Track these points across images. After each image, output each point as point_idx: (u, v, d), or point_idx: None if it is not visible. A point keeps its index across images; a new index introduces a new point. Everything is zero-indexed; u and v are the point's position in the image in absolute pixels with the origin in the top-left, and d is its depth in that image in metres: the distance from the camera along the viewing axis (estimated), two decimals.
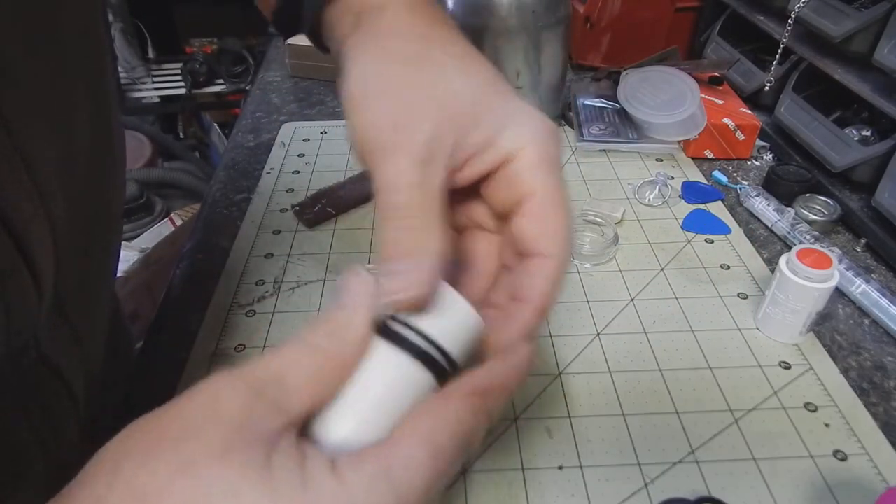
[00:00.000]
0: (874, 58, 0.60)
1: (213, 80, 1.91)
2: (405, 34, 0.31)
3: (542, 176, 0.28)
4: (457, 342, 0.27)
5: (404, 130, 0.27)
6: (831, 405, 0.46)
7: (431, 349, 0.26)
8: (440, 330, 0.26)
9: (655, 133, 0.75)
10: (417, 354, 0.26)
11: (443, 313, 0.26)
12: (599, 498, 0.40)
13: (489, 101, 0.29)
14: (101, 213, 0.38)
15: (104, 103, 0.36)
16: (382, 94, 0.29)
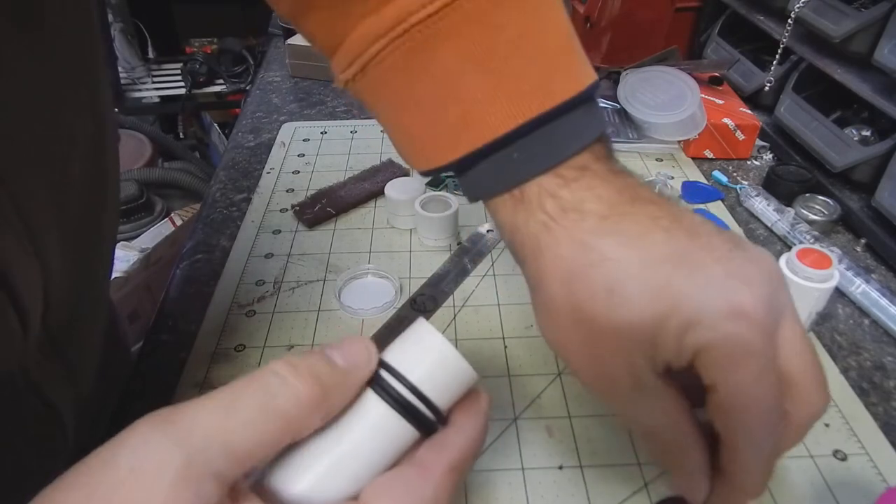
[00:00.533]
0: (874, 58, 0.60)
1: (213, 80, 1.91)
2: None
3: (726, 374, 0.25)
4: (446, 394, 0.25)
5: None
6: (831, 405, 0.46)
7: (419, 403, 0.24)
8: (432, 382, 0.24)
9: (655, 133, 0.75)
10: (404, 408, 0.24)
11: (432, 361, 0.25)
12: (599, 498, 0.40)
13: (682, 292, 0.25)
14: (93, 250, 0.37)
15: (100, 138, 0.35)
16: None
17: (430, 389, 0.24)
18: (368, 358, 0.24)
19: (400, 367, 0.24)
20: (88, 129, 0.34)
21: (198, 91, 1.91)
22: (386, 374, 0.24)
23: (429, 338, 0.25)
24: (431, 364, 0.25)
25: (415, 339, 0.25)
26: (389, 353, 0.25)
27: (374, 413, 0.24)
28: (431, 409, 0.24)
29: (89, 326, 0.39)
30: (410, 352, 0.25)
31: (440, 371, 0.25)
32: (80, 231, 0.34)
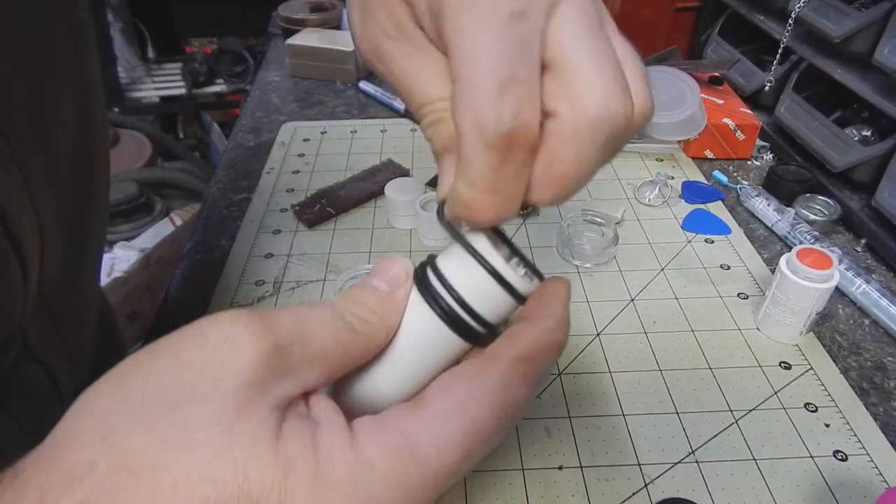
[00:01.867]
0: (874, 58, 0.60)
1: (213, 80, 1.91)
2: None
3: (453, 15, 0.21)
4: (495, 307, 0.24)
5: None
6: (831, 405, 0.46)
7: (467, 317, 0.23)
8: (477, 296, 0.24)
9: (655, 133, 0.75)
10: (452, 321, 0.23)
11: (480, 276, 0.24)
12: (599, 498, 0.40)
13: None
14: (85, 210, 0.38)
15: (89, 104, 0.36)
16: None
17: (476, 301, 0.24)
18: (406, 276, 0.24)
19: (447, 274, 0.24)
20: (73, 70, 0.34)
21: (198, 91, 1.91)
22: (434, 280, 0.24)
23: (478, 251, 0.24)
24: (479, 279, 0.24)
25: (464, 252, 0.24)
26: (442, 259, 0.25)
27: (423, 321, 0.24)
28: (478, 321, 0.24)
29: (81, 290, 0.40)
30: (458, 259, 0.24)
31: (489, 285, 0.24)
32: (72, 196, 0.35)
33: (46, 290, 0.33)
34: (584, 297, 0.55)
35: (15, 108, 0.28)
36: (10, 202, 0.27)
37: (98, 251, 0.43)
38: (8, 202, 0.27)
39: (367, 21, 0.24)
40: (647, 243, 0.62)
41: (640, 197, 0.68)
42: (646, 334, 0.51)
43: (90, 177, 0.38)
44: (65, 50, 0.33)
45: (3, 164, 0.27)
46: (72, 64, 0.34)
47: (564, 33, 0.21)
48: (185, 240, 0.64)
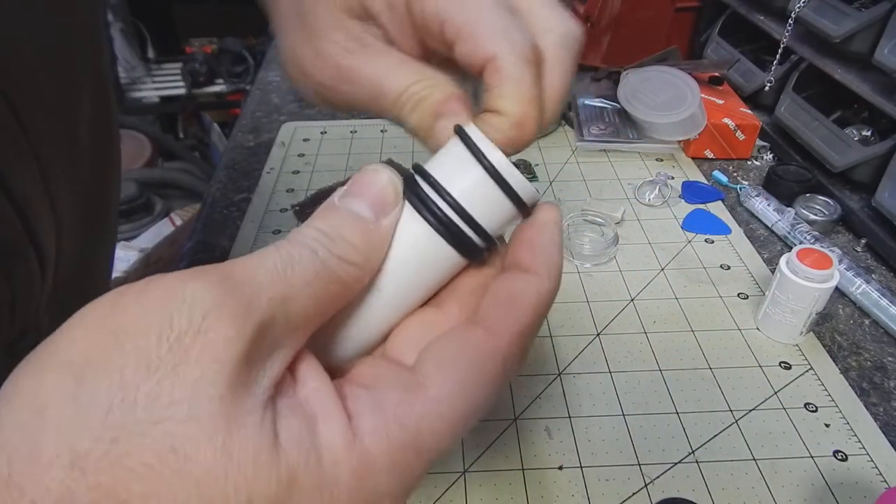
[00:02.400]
0: (874, 58, 0.60)
1: (213, 80, 1.91)
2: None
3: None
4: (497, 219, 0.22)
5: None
6: (831, 405, 0.46)
7: (464, 225, 0.21)
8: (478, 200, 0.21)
9: (655, 133, 0.75)
10: (448, 231, 0.21)
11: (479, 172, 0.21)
12: (599, 498, 0.40)
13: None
14: (98, 207, 0.38)
15: (105, 101, 0.37)
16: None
17: (475, 206, 0.21)
18: (395, 196, 0.21)
19: (440, 179, 0.21)
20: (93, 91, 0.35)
21: (198, 91, 1.91)
22: (425, 186, 0.21)
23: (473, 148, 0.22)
24: (478, 176, 0.21)
25: (460, 149, 0.22)
26: (433, 164, 0.22)
27: (412, 233, 0.21)
28: (476, 230, 0.21)
29: (94, 287, 0.40)
30: (453, 162, 0.22)
31: (489, 187, 0.21)
32: (88, 191, 0.35)
33: (61, 286, 0.33)
34: (584, 297, 0.55)
35: (40, 103, 0.28)
36: (31, 198, 0.28)
37: (111, 246, 0.43)
38: (28, 197, 0.27)
39: (321, 50, 0.25)
40: (647, 243, 0.62)
41: (640, 197, 0.68)
42: (646, 334, 0.51)
43: (106, 173, 0.38)
44: (84, 47, 0.34)
45: (25, 159, 0.27)
46: (90, 61, 0.34)
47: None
48: (185, 240, 0.64)
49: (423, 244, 0.21)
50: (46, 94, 0.29)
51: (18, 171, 0.27)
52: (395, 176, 0.21)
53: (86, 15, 0.34)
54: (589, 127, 0.77)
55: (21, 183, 0.27)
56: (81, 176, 0.34)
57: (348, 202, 0.20)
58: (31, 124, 0.28)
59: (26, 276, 0.28)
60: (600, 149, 0.76)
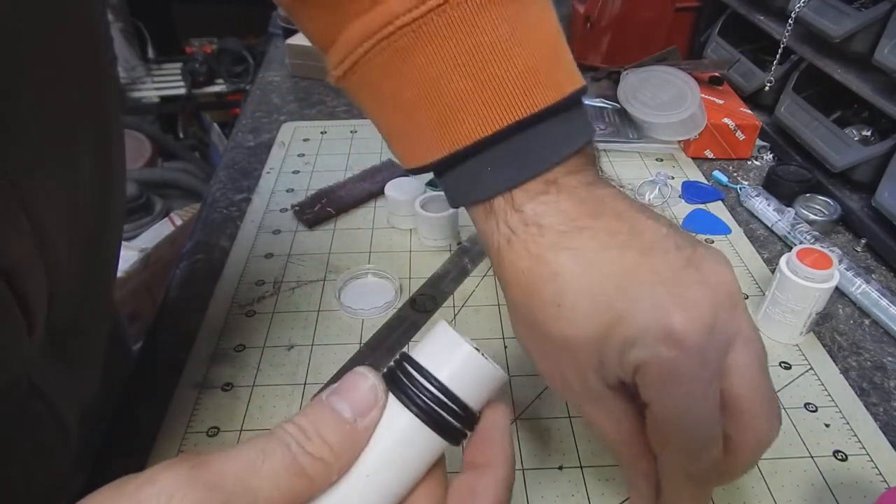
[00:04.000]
0: (874, 58, 0.60)
1: (213, 80, 1.91)
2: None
3: (657, 394, 0.26)
4: (476, 397, 0.23)
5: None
6: (831, 405, 0.46)
7: (450, 405, 0.23)
8: (460, 383, 0.23)
9: (655, 133, 0.75)
10: (429, 416, 0.22)
11: (458, 361, 0.23)
12: (599, 498, 0.40)
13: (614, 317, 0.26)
14: (99, 252, 0.37)
15: (107, 141, 0.35)
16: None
17: (460, 385, 0.23)
18: (376, 401, 0.23)
19: (426, 365, 0.23)
20: (93, 127, 0.34)
21: (198, 91, 1.91)
22: (411, 372, 0.23)
23: (451, 338, 0.24)
24: (458, 364, 0.23)
25: (437, 341, 0.24)
26: (415, 353, 0.24)
27: (399, 423, 0.22)
28: (462, 412, 0.23)
29: (94, 328, 0.39)
30: (432, 353, 0.24)
31: (467, 372, 0.23)
32: (87, 231, 0.34)
33: (55, 328, 0.32)
34: None
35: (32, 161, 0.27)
36: (22, 263, 0.27)
37: (112, 271, 0.42)
38: (19, 263, 0.27)
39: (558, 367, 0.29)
40: None
41: (640, 197, 0.68)
42: None
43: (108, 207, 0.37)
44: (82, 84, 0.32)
45: (17, 223, 0.26)
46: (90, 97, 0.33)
47: (742, 377, 0.26)
48: (185, 240, 0.64)
49: (406, 438, 0.22)
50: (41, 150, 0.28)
51: (8, 237, 0.26)
52: (378, 381, 0.23)
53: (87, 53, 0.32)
54: None
55: (11, 250, 0.26)
56: (80, 219, 0.32)
57: (333, 400, 0.22)
58: (26, 187, 0.26)
59: (11, 337, 0.27)
60: (600, 149, 0.76)
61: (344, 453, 0.21)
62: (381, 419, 0.22)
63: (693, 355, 0.25)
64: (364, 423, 0.22)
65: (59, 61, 0.29)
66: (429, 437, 0.23)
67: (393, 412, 0.23)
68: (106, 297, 0.42)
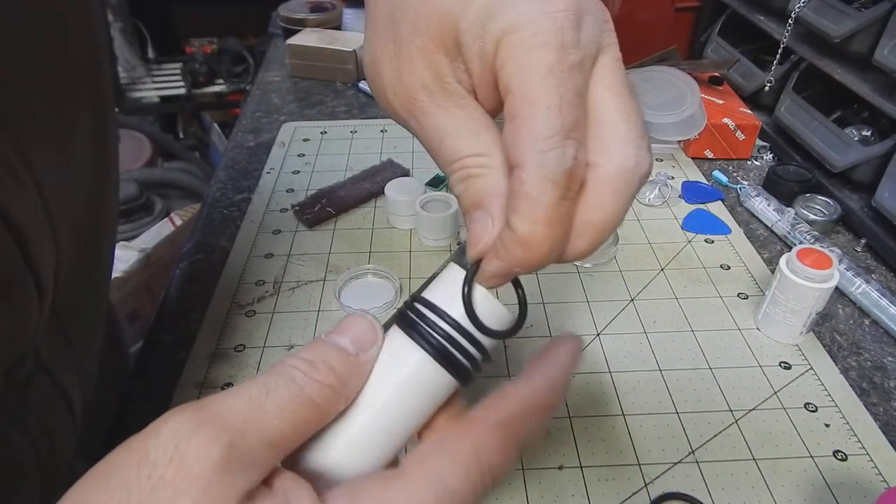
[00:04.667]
0: (874, 58, 0.60)
1: (213, 80, 1.91)
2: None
3: (518, 62, 0.22)
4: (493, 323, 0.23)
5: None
6: (831, 405, 0.46)
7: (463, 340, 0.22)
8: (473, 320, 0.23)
9: (655, 133, 0.75)
10: (441, 356, 0.22)
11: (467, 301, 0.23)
12: (599, 498, 0.40)
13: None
14: (96, 224, 0.38)
15: (104, 117, 0.37)
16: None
17: (471, 328, 0.22)
18: (375, 336, 0.23)
19: (438, 303, 0.23)
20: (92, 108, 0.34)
21: (198, 91, 1.91)
22: (422, 311, 0.23)
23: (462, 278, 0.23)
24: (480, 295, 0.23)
25: (448, 281, 0.23)
26: (428, 292, 0.24)
27: (410, 362, 0.22)
28: (473, 352, 0.23)
29: (93, 316, 0.40)
30: (444, 293, 0.23)
31: (479, 311, 0.23)
32: (85, 216, 0.35)
33: (58, 305, 0.33)
34: (584, 297, 0.55)
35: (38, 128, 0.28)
36: (31, 226, 0.28)
37: (108, 261, 0.43)
38: (28, 226, 0.27)
39: (404, 73, 0.25)
40: (647, 243, 0.62)
41: (640, 197, 0.68)
42: (646, 334, 0.51)
43: (104, 192, 0.38)
44: (81, 67, 0.33)
45: (25, 187, 0.27)
46: (88, 81, 0.34)
47: (604, 90, 0.23)
48: (185, 240, 0.64)
49: (416, 376, 0.22)
50: (44, 117, 0.29)
51: (19, 199, 0.27)
52: (374, 320, 0.23)
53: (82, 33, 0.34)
54: None
55: (21, 211, 0.27)
56: (79, 196, 0.34)
57: (333, 337, 0.22)
58: (30, 150, 0.28)
59: (24, 303, 0.28)
60: None
61: (349, 382, 0.21)
62: (392, 358, 0.22)
63: (567, 31, 0.22)
64: (365, 356, 0.22)
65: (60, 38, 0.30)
66: (439, 375, 0.22)
67: (404, 350, 0.22)
68: (102, 288, 0.43)
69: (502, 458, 0.21)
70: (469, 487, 0.20)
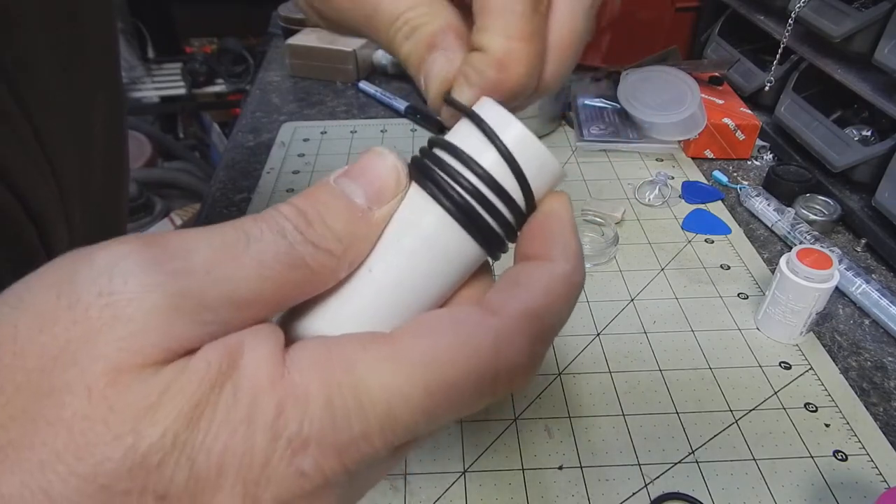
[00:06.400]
0: (874, 58, 0.60)
1: (213, 80, 1.91)
2: None
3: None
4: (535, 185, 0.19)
5: None
6: (831, 405, 0.46)
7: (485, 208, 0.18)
8: (508, 175, 0.18)
9: (655, 133, 0.75)
10: (466, 215, 0.18)
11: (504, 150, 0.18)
12: (599, 498, 0.40)
13: None
14: (109, 213, 0.38)
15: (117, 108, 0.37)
16: None
17: (507, 181, 0.18)
18: (397, 186, 0.18)
19: (465, 148, 0.18)
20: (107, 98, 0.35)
21: (198, 91, 1.91)
22: (444, 159, 0.18)
23: (499, 114, 0.18)
24: (506, 149, 0.18)
25: (479, 119, 0.19)
26: (451, 136, 0.19)
27: (427, 224, 0.18)
28: (507, 212, 0.18)
29: None
30: (471, 135, 0.19)
31: (518, 159, 0.18)
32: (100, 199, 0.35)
33: None
34: (584, 297, 0.55)
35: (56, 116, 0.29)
36: (48, 210, 0.28)
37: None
38: (46, 210, 0.28)
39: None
40: (647, 243, 0.62)
41: (640, 197, 0.68)
42: (646, 334, 0.51)
43: (117, 178, 0.38)
44: (98, 56, 0.34)
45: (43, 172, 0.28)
46: (104, 68, 0.35)
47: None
48: None
49: (435, 240, 0.18)
50: (62, 105, 0.30)
51: (36, 184, 0.27)
52: (400, 163, 0.19)
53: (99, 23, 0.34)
54: (589, 127, 0.77)
55: (38, 196, 0.27)
56: (94, 184, 0.34)
57: (343, 182, 0.18)
58: (48, 137, 0.28)
59: None
60: (600, 149, 0.76)
61: (353, 246, 0.17)
62: (405, 215, 0.18)
63: None
64: (380, 212, 0.18)
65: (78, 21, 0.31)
66: (462, 240, 0.18)
67: (419, 207, 0.18)
68: None
69: (529, 356, 0.17)
70: (474, 389, 0.16)
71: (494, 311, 0.17)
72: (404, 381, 0.15)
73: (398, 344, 0.16)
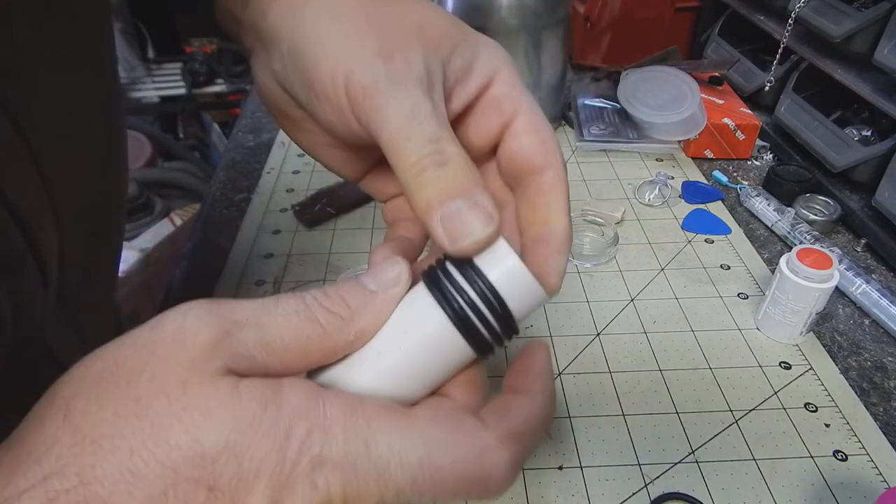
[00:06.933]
0: (874, 58, 0.60)
1: (213, 80, 1.91)
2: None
3: (522, 93, 0.26)
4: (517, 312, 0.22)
5: (399, 60, 0.24)
6: (831, 405, 0.46)
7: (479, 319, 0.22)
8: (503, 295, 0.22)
9: (655, 133, 0.75)
10: (463, 323, 0.22)
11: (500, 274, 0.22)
12: (599, 498, 0.40)
13: (458, 28, 0.27)
14: (104, 209, 0.38)
15: (111, 100, 0.37)
16: (355, 31, 0.25)
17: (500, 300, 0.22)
18: (398, 276, 0.23)
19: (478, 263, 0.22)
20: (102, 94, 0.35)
21: (198, 91, 1.91)
22: (451, 273, 0.22)
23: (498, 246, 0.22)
24: (501, 273, 0.22)
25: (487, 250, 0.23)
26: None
27: (428, 322, 0.22)
28: (497, 324, 0.22)
29: (100, 290, 0.40)
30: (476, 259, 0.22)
31: (510, 284, 0.22)
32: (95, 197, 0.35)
33: (65, 292, 0.33)
34: (584, 297, 0.55)
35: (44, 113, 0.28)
36: (34, 210, 0.28)
37: (117, 250, 0.44)
38: (31, 210, 0.28)
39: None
40: (647, 243, 0.62)
41: (640, 197, 0.68)
42: (646, 334, 0.51)
43: (113, 176, 0.38)
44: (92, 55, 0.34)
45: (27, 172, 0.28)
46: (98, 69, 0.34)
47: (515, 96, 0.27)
48: (185, 240, 0.64)
49: (436, 333, 0.22)
50: (51, 103, 0.29)
51: (20, 185, 0.27)
52: (405, 266, 0.23)
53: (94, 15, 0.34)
54: (589, 127, 0.77)
55: (23, 196, 0.27)
56: (88, 182, 0.34)
57: (360, 277, 0.23)
58: (34, 136, 0.28)
59: (28, 287, 0.28)
60: (600, 149, 0.76)
61: (360, 315, 0.22)
62: (412, 311, 0.22)
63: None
64: (385, 294, 0.22)
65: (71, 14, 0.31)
66: (457, 342, 0.22)
67: (425, 309, 0.22)
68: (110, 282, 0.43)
69: (503, 473, 0.21)
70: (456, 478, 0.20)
71: (485, 423, 0.21)
72: (406, 450, 0.19)
73: (410, 421, 0.20)
